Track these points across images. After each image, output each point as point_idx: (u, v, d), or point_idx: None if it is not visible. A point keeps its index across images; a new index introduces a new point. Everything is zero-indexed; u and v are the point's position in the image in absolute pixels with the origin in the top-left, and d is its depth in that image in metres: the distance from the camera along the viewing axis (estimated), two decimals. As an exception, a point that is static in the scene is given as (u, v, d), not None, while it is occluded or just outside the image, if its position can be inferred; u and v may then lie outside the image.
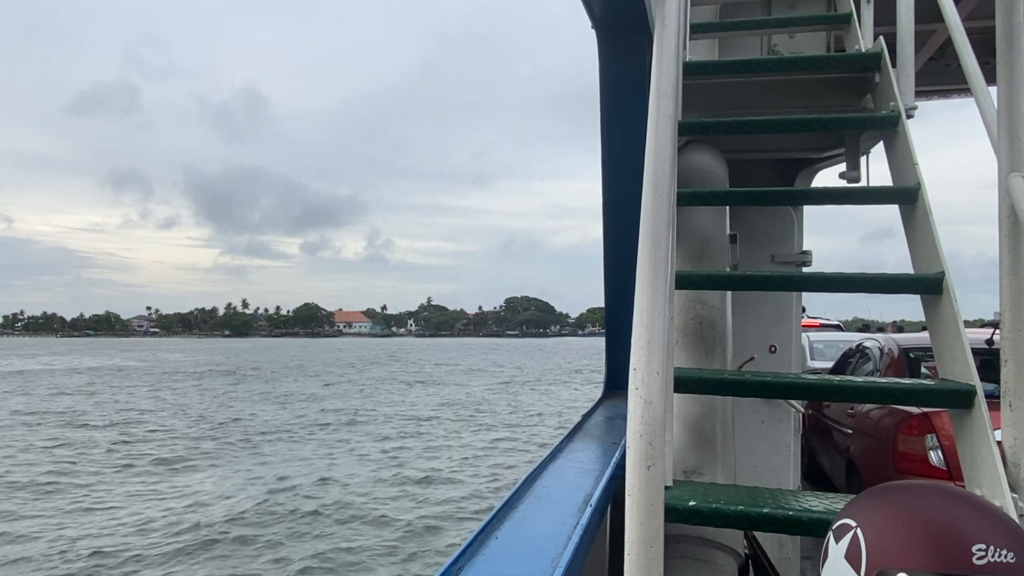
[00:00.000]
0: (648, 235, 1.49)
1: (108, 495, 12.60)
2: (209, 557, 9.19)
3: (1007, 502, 1.65)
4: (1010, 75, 1.74)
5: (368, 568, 9.02)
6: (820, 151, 3.85)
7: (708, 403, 2.54)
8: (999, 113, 1.78)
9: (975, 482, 1.79)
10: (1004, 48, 1.74)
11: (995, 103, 1.82)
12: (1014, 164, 1.75)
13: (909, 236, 2.37)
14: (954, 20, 2.29)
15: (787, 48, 3.83)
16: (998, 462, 1.71)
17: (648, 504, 1.27)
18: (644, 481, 1.28)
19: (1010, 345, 1.74)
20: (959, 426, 1.93)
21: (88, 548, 9.51)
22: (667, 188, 1.56)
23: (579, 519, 1.69)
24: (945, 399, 1.95)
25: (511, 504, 1.85)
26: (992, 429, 1.79)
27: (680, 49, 2.37)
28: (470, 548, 1.49)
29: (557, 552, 1.46)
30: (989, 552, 0.74)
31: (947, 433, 4.77)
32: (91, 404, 27.13)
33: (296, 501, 11.94)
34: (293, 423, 21.86)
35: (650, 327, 1.38)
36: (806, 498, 1.86)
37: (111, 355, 74.58)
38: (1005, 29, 1.74)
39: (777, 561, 3.42)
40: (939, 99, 6.03)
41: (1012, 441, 1.74)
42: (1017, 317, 1.74)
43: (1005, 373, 1.75)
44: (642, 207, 1.53)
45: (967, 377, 1.91)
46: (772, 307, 4.00)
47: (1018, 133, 1.75)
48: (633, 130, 3.28)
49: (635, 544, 1.26)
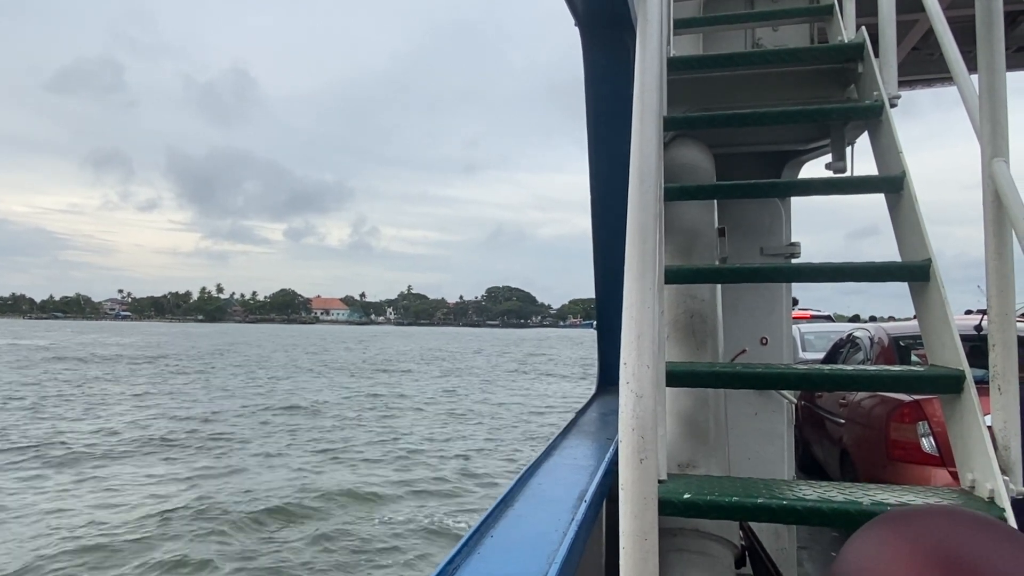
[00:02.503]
0: (635, 230, 1.49)
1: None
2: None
3: (998, 485, 1.66)
4: (990, 62, 1.76)
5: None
6: (806, 143, 3.87)
7: (701, 396, 2.55)
8: (981, 100, 1.80)
9: (966, 466, 1.81)
10: (984, 35, 1.76)
11: (977, 90, 1.83)
12: (996, 150, 1.77)
13: (895, 224, 2.38)
14: (935, 9, 2.31)
15: (771, 41, 3.84)
16: (988, 446, 1.72)
17: (642, 497, 1.27)
18: (637, 474, 1.29)
19: (997, 329, 1.76)
20: (949, 411, 1.94)
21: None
22: (653, 183, 1.56)
23: (574, 515, 1.70)
24: (935, 385, 1.96)
25: (506, 502, 1.85)
26: (982, 413, 1.81)
27: (664, 44, 2.38)
28: (465, 547, 1.49)
29: (553, 549, 1.47)
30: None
31: (939, 420, 4.80)
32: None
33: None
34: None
35: (639, 321, 1.38)
36: (800, 487, 1.87)
37: (43, 335, 70.50)
38: (984, 17, 1.75)
39: (774, 551, 3.43)
40: (923, 88, 6.06)
41: (1002, 424, 1.76)
42: (1004, 301, 1.75)
43: (993, 357, 1.77)
44: (629, 203, 1.53)
45: (956, 362, 1.92)
46: (762, 299, 4.02)
47: (999, 119, 1.77)
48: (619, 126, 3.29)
49: (630, 537, 1.27)
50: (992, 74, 1.75)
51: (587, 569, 2.10)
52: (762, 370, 2.13)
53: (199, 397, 24.52)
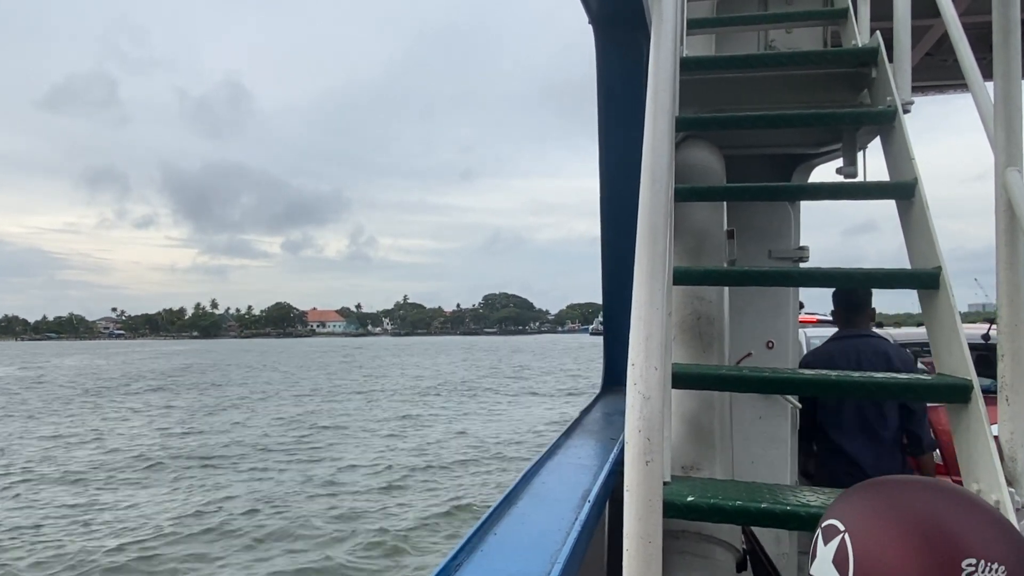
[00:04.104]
0: (646, 230, 1.49)
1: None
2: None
3: (1004, 496, 1.65)
4: (1006, 70, 1.74)
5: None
6: (817, 146, 3.85)
7: (706, 399, 2.54)
8: (995, 108, 1.79)
9: (972, 476, 1.80)
10: (1000, 43, 1.74)
11: (992, 98, 1.82)
12: (1010, 159, 1.75)
13: (906, 231, 2.37)
14: (951, 15, 2.29)
15: (784, 43, 3.82)
16: (995, 456, 1.71)
17: (646, 499, 1.27)
18: (642, 476, 1.28)
19: (1007, 339, 1.75)
20: (956, 421, 1.93)
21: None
22: (664, 184, 1.56)
23: (577, 515, 1.69)
24: (942, 394, 1.95)
25: (509, 500, 1.85)
26: (989, 424, 1.80)
27: (677, 44, 2.37)
28: (468, 544, 1.49)
29: (556, 548, 1.46)
30: (980, 567, 0.73)
31: (944, 428, 4.77)
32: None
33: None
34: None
35: (648, 322, 1.37)
36: (803, 493, 1.87)
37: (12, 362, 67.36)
38: (1001, 24, 1.74)
39: (775, 556, 3.42)
40: (936, 94, 6.03)
41: (1009, 435, 1.75)
42: (1014, 311, 1.74)
43: (1002, 368, 1.75)
44: (639, 203, 1.53)
45: (963, 372, 1.91)
46: (769, 303, 4.00)
47: (1014, 128, 1.75)
48: (630, 126, 3.27)
49: (634, 539, 1.26)
50: (1008, 82, 1.74)
51: (590, 569, 2.10)
52: (768, 374, 2.12)
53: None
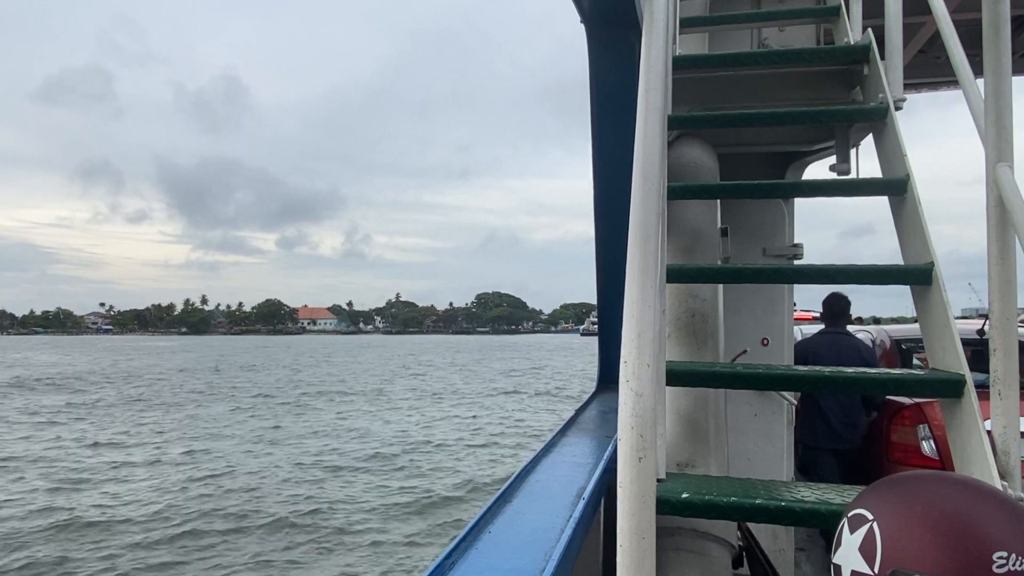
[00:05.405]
0: (638, 229, 1.49)
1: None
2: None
3: None
4: (996, 66, 1.75)
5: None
6: (810, 144, 3.86)
7: (701, 396, 2.55)
8: (986, 104, 1.79)
9: (965, 470, 1.81)
10: (990, 39, 1.75)
11: (983, 94, 1.83)
12: (1001, 154, 1.76)
13: (898, 227, 2.38)
14: (942, 12, 2.30)
15: (777, 41, 3.83)
16: (988, 450, 1.72)
17: (640, 495, 1.27)
18: (635, 473, 1.29)
19: (999, 334, 1.76)
20: (949, 415, 1.94)
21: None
22: (656, 182, 1.56)
23: (572, 512, 1.70)
24: (935, 389, 1.96)
25: (504, 498, 1.85)
26: (982, 418, 1.81)
27: (669, 43, 2.37)
28: (463, 542, 1.49)
29: (550, 545, 1.47)
30: (1010, 561, 0.72)
31: (939, 423, 4.79)
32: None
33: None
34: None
35: (640, 320, 1.38)
36: (799, 489, 1.87)
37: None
38: (991, 20, 1.75)
39: (771, 552, 3.43)
40: (928, 91, 6.05)
41: (1002, 429, 1.76)
42: (1006, 306, 1.75)
43: (994, 362, 1.76)
44: (631, 201, 1.53)
45: (957, 367, 1.92)
46: (764, 300, 4.01)
47: (1005, 124, 1.76)
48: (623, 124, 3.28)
49: (627, 535, 1.27)
50: (998, 78, 1.75)
51: (584, 566, 2.10)
52: (763, 371, 2.13)
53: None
